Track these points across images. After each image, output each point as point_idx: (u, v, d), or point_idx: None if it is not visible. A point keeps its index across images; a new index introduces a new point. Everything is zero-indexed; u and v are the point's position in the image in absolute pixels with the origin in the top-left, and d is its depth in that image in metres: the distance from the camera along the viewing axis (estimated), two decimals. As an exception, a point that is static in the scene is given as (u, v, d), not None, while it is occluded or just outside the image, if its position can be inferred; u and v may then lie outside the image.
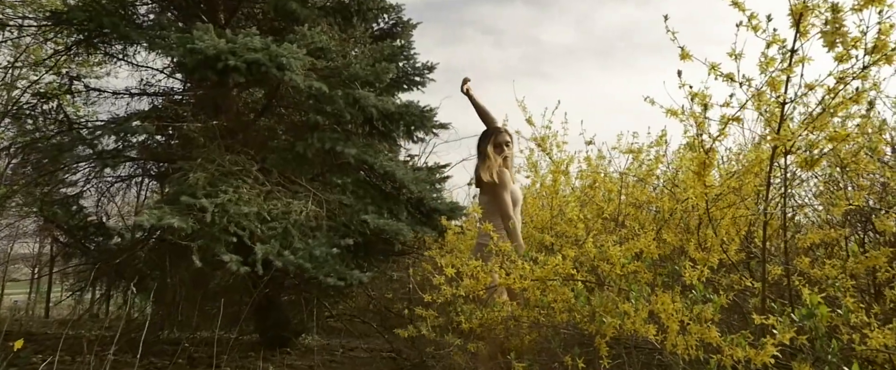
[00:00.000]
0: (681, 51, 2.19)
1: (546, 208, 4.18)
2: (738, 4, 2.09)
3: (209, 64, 4.28)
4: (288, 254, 3.99)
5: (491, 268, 2.16)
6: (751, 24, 2.06)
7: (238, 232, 3.89)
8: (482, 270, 2.17)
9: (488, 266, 2.17)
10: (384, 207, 4.93)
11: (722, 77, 2.10)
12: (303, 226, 4.25)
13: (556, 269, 2.09)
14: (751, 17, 2.06)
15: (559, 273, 2.04)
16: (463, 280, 2.23)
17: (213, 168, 4.14)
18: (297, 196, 4.50)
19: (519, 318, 1.99)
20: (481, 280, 2.08)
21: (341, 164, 5.00)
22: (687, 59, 2.19)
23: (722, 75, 2.10)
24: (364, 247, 4.78)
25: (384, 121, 5.26)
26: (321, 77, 5.11)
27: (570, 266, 2.09)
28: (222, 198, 3.91)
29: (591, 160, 4.01)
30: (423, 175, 5.19)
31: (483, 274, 2.08)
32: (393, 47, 5.46)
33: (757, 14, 2.07)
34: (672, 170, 3.82)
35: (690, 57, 2.18)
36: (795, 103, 2.17)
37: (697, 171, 2.04)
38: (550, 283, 2.00)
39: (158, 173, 5.64)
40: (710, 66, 2.13)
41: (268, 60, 4.30)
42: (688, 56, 2.18)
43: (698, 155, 2.02)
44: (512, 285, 1.98)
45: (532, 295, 1.95)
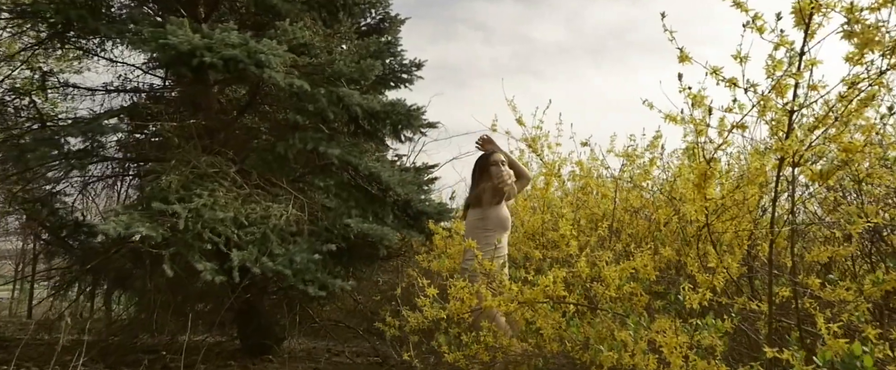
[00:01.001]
0: (679, 53, 2.02)
1: (538, 211, 4.02)
2: (740, 5, 1.91)
3: (184, 60, 4.07)
4: (266, 260, 3.80)
5: (477, 289, 1.99)
6: (755, 25, 1.88)
7: (213, 238, 3.70)
8: (468, 292, 2.00)
9: (474, 287, 2.00)
10: (369, 210, 4.74)
11: (724, 81, 1.93)
12: (282, 231, 4.06)
13: (545, 291, 1.92)
14: (755, 18, 1.89)
15: (549, 295, 1.87)
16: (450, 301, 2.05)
17: (187, 170, 3.93)
18: (278, 199, 4.30)
19: (507, 350, 1.82)
20: (467, 302, 1.91)
21: (324, 165, 4.81)
22: (686, 62, 2.02)
23: (724, 80, 1.93)
24: (347, 252, 4.60)
25: (370, 120, 5.07)
26: (304, 74, 4.90)
27: (560, 288, 1.92)
28: (197, 202, 3.71)
29: (584, 164, 3.83)
30: (410, 177, 5.00)
31: (468, 295, 1.91)
32: (379, 43, 5.26)
33: (762, 14, 1.89)
34: (668, 174, 3.66)
35: (690, 60, 2.01)
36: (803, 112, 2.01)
37: (698, 182, 1.87)
38: (540, 307, 1.82)
39: (138, 173, 5.42)
40: (711, 70, 1.96)
41: (246, 57, 4.09)
42: (687, 58, 2.01)
43: (699, 165, 1.85)
44: (498, 309, 1.80)
45: (520, 320, 1.77)
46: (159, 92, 6.14)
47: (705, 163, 1.82)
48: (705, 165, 1.81)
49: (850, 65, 1.82)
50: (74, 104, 6.64)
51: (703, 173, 1.84)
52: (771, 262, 1.89)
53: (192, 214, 3.67)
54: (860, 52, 1.74)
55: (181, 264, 3.67)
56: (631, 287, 1.90)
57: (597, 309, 1.82)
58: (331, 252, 4.11)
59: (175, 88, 5.88)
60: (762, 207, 2.27)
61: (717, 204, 1.91)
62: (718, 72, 1.97)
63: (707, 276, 1.74)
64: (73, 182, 5.70)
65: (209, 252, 3.73)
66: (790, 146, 1.72)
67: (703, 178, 1.84)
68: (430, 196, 6.02)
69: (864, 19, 1.74)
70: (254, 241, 3.85)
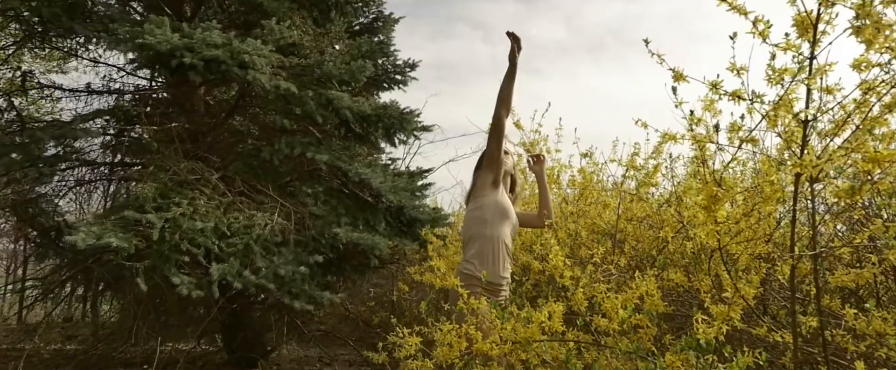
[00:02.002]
0: (673, 73, 1.81)
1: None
2: (737, 8, 1.70)
3: (163, 61, 3.87)
4: (248, 274, 3.59)
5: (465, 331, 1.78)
6: (757, 31, 1.67)
7: (192, 250, 3.49)
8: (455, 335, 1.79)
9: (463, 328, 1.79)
10: (360, 218, 4.54)
11: (726, 96, 1.73)
12: (267, 241, 3.85)
13: (542, 327, 1.72)
14: (756, 22, 1.68)
15: (547, 331, 1.67)
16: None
17: (166, 177, 3.73)
18: (263, 207, 4.10)
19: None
20: (455, 346, 1.71)
21: (312, 171, 4.60)
22: (681, 81, 1.82)
23: (725, 94, 1.73)
24: (337, 262, 4.39)
25: (361, 123, 4.86)
26: (291, 76, 4.70)
27: (558, 322, 1.71)
28: (174, 211, 3.50)
29: (586, 171, 3.63)
30: (403, 182, 4.79)
31: (456, 340, 1.71)
32: (371, 43, 5.05)
33: (764, 17, 1.68)
34: (673, 182, 3.45)
35: (685, 78, 1.81)
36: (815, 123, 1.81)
37: (707, 204, 1.67)
38: (536, 346, 1.62)
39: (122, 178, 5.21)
40: (710, 85, 1.75)
41: (228, 58, 3.89)
42: (682, 77, 1.81)
43: (707, 187, 1.64)
44: (489, 352, 1.60)
45: (516, 362, 1.57)
46: (146, 93, 5.94)
47: (714, 184, 1.61)
48: (714, 187, 1.61)
49: (858, 72, 1.62)
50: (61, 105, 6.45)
51: (712, 195, 1.63)
52: (794, 290, 1.69)
53: (170, 224, 3.47)
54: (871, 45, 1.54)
55: (159, 275, 3.47)
56: (636, 318, 1.70)
57: (600, 345, 1.62)
58: (318, 263, 3.91)
59: (161, 90, 5.68)
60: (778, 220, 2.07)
61: (729, 227, 1.70)
62: (718, 86, 1.76)
63: (722, 308, 1.54)
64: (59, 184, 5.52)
65: (188, 264, 3.52)
66: (808, 161, 1.51)
67: (712, 201, 1.63)
68: (425, 201, 5.83)
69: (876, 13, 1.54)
70: (236, 253, 3.65)
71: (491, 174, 2.64)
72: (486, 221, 2.56)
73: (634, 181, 4.24)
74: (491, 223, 2.55)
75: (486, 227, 2.55)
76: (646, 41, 1.90)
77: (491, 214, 2.57)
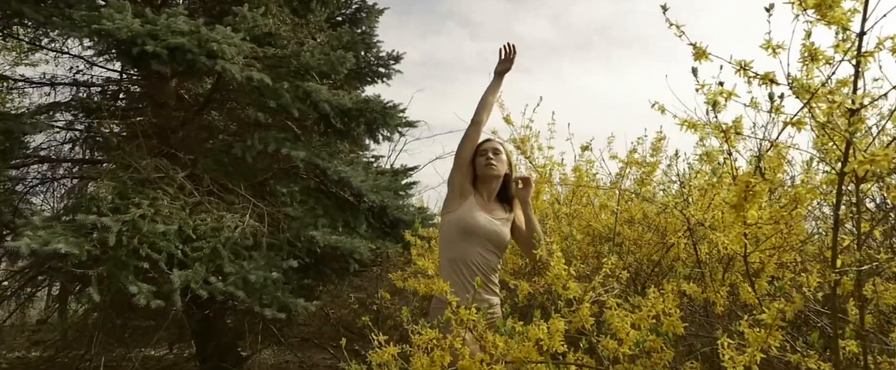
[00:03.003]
0: (694, 49, 1.55)
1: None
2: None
3: (123, 49, 3.57)
4: (215, 280, 3.30)
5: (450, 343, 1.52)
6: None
7: (152, 255, 3.19)
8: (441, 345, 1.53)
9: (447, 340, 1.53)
10: (339, 219, 4.25)
11: (756, 79, 1.47)
12: (237, 244, 3.56)
13: (540, 346, 1.46)
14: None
15: (545, 351, 1.41)
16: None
17: (126, 175, 3.42)
18: (233, 208, 3.80)
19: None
20: (437, 362, 1.44)
21: (288, 168, 4.31)
22: (703, 59, 1.55)
23: (755, 77, 1.47)
24: (314, 266, 4.11)
25: (342, 118, 4.57)
26: (266, 67, 4.40)
27: (559, 342, 1.45)
28: (133, 213, 3.20)
29: (582, 170, 3.37)
30: (386, 181, 4.51)
31: (439, 353, 1.44)
32: (352, 34, 4.77)
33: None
34: (676, 181, 3.20)
35: (707, 56, 1.54)
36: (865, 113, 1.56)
37: (738, 201, 1.41)
38: (531, 368, 1.36)
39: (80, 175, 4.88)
40: (739, 65, 1.49)
41: (195, 46, 3.59)
42: (704, 55, 1.54)
43: (741, 178, 1.39)
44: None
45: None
46: (119, 86, 5.60)
47: (750, 175, 1.36)
48: (750, 178, 1.35)
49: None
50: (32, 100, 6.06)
51: (747, 189, 1.37)
52: (835, 310, 1.44)
53: (128, 227, 3.16)
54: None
55: (115, 283, 3.17)
56: (652, 341, 1.44)
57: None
58: (292, 269, 3.62)
59: (129, 82, 5.35)
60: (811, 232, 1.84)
61: (756, 231, 1.45)
62: (747, 67, 1.51)
63: (760, 333, 1.28)
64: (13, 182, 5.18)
65: (148, 270, 3.22)
66: (867, 158, 1.26)
67: (745, 197, 1.38)
68: (410, 201, 5.55)
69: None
70: (201, 258, 3.35)
71: (456, 181, 2.29)
72: (446, 242, 2.24)
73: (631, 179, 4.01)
74: (451, 244, 2.21)
75: (447, 249, 2.22)
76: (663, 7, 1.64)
77: (450, 234, 2.22)
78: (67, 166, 5.43)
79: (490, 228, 2.17)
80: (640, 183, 3.59)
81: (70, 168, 5.48)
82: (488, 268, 2.17)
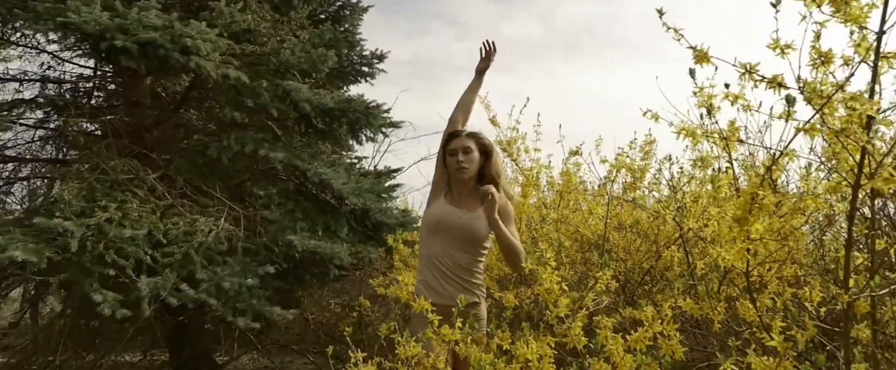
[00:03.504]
0: (695, 52, 1.44)
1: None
2: None
3: (92, 43, 3.40)
4: (186, 288, 3.14)
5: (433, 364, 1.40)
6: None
7: (119, 261, 3.03)
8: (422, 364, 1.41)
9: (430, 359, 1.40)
10: (319, 222, 4.10)
11: (764, 82, 1.36)
12: (210, 250, 3.40)
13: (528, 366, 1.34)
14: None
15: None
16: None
17: (93, 177, 3.25)
18: (207, 211, 3.64)
19: None
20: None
21: (266, 170, 4.15)
22: (704, 63, 1.45)
23: (763, 80, 1.36)
24: (293, 272, 3.96)
25: (323, 118, 4.42)
26: (245, 65, 4.24)
27: (548, 366, 1.33)
28: (99, 216, 3.03)
29: (570, 173, 3.26)
30: (368, 183, 4.37)
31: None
32: (334, 32, 4.61)
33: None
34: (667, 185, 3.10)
35: (708, 59, 1.44)
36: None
37: (742, 214, 1.30)
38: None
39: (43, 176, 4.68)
40: (744, 68, 1.38)
41: (168, 42, 3.42)
42: (705, 58, 1.43)
43: (746, 190, 1.28)
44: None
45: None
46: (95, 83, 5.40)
47: (756, 186, 1.25)
48: (757, 189, 1.24)
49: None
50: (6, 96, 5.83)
51: (752, 203, 1.26)
52: (848, 333, 1.34)
53: (93, 232, 3.00)
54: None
55: (79, 291, 3.00)
56: (647, 366, 1.33)
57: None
58: (269, 275, 3.47)
59: (101, 79, 5.15)
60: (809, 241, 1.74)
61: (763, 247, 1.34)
62: (754, 70, 1.40)
63: (768, 362, 1.17)
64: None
65: (115, 277, 3.06)
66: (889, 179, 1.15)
67: (750, 210, 1.27)
68: (394, 203, 5.41)
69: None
70: (172, 264, 3.19)
71: (434, 177, 2.29)
72: (421, 239, 2.23)
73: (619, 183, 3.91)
74: (423, 241, 2.19)
75: (421, 246, 2.20)
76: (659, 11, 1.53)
77: (423, 230, 2.21)
78: (36, 166, 5.23)
79: (458, 224, 2.08)
80: (630, 187, 3.50)
81: (39, 168, 5.28)
82: (456, 265, 2.09)
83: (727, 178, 1.47)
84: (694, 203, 2.15)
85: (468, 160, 2.14)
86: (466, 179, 2.17)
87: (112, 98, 5.43)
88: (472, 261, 2.13)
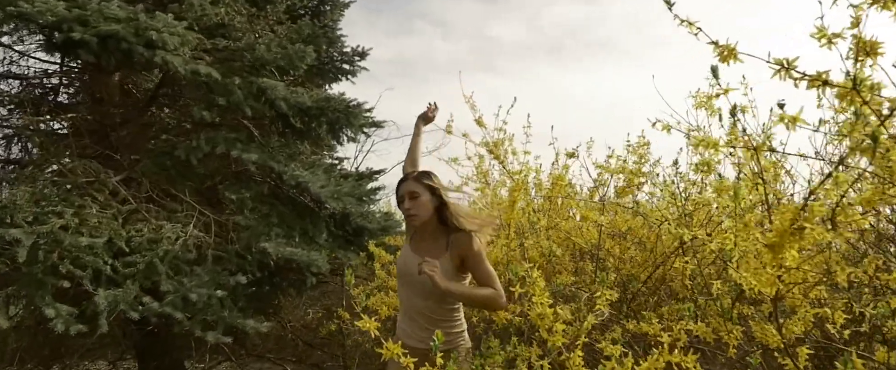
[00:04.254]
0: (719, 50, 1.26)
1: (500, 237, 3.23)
2: None
3: (48, 36, 3.14)
4: (149, 300, 2.91)
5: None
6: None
7: (75, 272, 2.78)
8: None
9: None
10: (296, 228, 3.88)
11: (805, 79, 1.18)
12: (177, 258, 3.17)
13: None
14: None
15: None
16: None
17: (46, 179, 3.00)
18: (175, 217, 3.40)
19: None
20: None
21: (240, 172, 3.92)
22: (732, 60, 1.26)
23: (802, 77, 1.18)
24: (269, 280, 3.73)
25: (301, 117, 4.19)
26: (217, 61, 4.00)
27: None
28: (53, 224, 2.79)
29: (563, 177, 3.08)
30: (348, 186, 4.15)
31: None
32: (313, 27, 4.38)
33: None
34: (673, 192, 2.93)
35: (736, 56, 1.25)
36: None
37: (778, 242, 1.12)
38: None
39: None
40: (780, 65, 1.20)
41: (131, 35, 3.18)
42: (733, 55, 1.25)
43: (784, 214, 1.10)
44: None
45: None
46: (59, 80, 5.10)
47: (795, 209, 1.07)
48: (795, 212, 1.07)
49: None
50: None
51: (791, 227, 1.08)
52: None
53: (46, 240, 2.75)
54: None
55: (29, 305, 2.75)
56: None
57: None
58: (240, 285, 3.25)
59: (66, 75, 4.87)
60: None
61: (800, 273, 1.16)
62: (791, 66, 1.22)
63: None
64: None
65: (72, 288, 2.81)
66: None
67: (788, 236, 1.09)
68: (376, 207, 5.20)
69: None
70: (134, 274, 2.95)
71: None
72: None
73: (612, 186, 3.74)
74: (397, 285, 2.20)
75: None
76: (668, 2, 1.35)
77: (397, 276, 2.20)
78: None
79: (413, 272, 1.92)
80: (623, 191, 3.33)
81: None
82: (421, 314, 2.00)
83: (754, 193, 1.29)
84: (698, 210, 1.98)
85: (415, 206, 2.01)
86: (420, 225, 2.04)
87: (79, 95, 5.16)
88: (436, 309, 2.01)
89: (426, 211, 2.01)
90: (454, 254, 1.95)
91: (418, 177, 2.08)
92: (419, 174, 2.10)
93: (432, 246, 2.02)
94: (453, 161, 4.69)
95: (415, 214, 2.01)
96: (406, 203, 2.02)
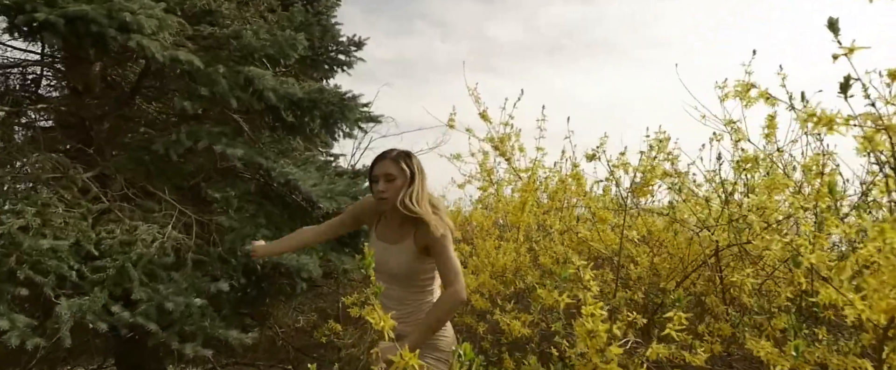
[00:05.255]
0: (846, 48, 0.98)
1: (509, 241, 2.94)
2: None
3: (10, 18, 2.85)
4: (119, 310, 2.62)
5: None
6: None
7: (36, 278, 2.49)
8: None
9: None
10: (286, 229, 3.57)
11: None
12: (153, 263, 2.87)
13: None
14: None
15: None
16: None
17: (6, 175, 2.71)
18: (151, 217, 3.11)
19: None
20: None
21: (225, 169, 3.63)
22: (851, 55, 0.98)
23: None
24: (256, 285, 3.44)
25: (293, 110, 3.90)
26: (202, 48, 3.71)
27: None
28: (9, 224, 2.49)
29: (580, 176, 2.80)
30: (342, 185, 3.86)
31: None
32: (305, 14, 4.10)
33: None
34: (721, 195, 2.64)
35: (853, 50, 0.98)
36: None
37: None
38: None
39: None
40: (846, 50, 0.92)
41: (103, 16, 2.89)
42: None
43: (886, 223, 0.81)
44: None
45: None
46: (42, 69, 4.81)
47: None
48: None
49: None
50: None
51: None
52: None
53: (3, 242, 2.46)
54: None
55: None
56: None
57: None
58: (222, 292, 2.96)
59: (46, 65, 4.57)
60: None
61: None
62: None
63: None
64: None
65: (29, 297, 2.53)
66: None
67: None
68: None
69: None
70: (104, 281, 2.66)
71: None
72: None
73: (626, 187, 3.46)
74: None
75: None
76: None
77: None
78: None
79: (379, 259, 1.82)
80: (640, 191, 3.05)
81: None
82: (390, 298, 1.88)
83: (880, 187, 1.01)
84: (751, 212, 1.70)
85: (389, 189, 1.79)
86: (388, 210, 1.84)
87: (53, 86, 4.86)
88: (406, 295, 1.89)
89: (396, 196, 1.80)
90: (419, 241, 1.81)
91: (396, 157, 1.84)
92: (399, 154, 1.85)
93: (398, 232, 1.87)
94: (456, 158, 4.41)
95: (386, 198, 1.80)
96: (380, 184, 1.81)
